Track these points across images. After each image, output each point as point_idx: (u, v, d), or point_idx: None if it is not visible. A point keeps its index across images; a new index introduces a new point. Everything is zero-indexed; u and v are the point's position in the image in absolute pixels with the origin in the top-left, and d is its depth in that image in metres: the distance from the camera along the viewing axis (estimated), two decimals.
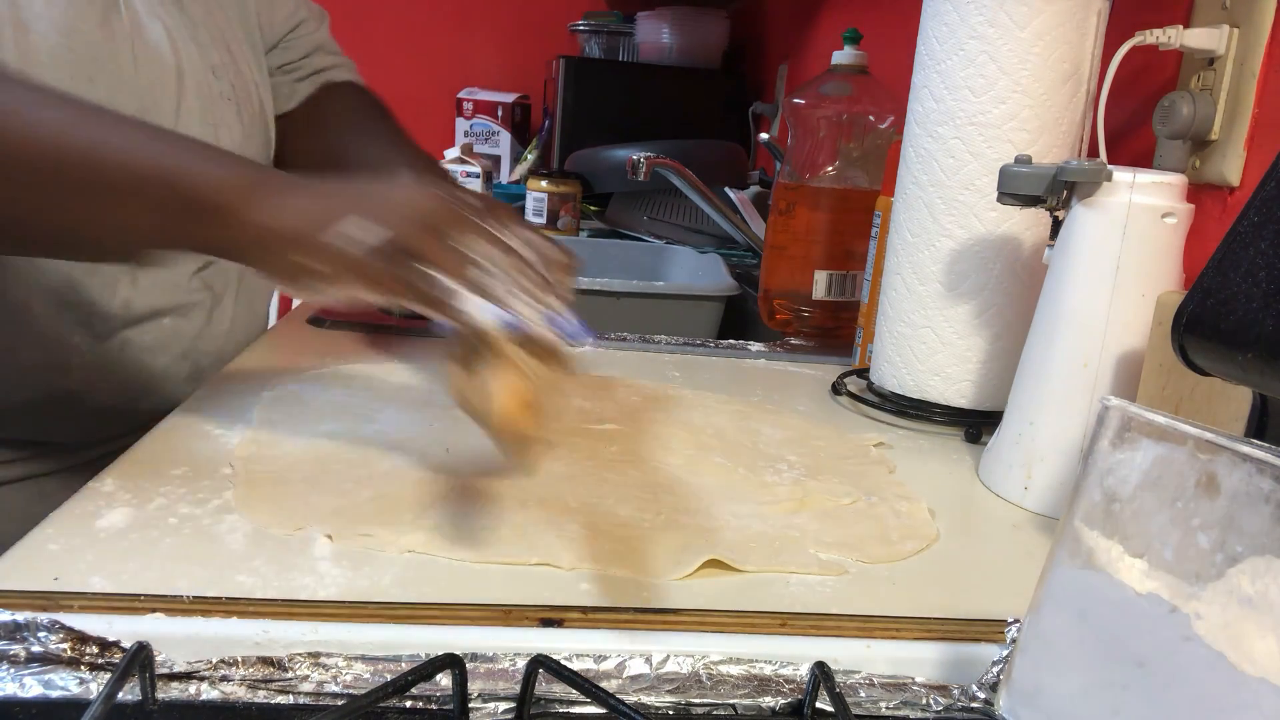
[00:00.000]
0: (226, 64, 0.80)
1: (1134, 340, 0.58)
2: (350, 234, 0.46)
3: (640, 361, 0.86)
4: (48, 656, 0.37)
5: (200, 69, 0.77)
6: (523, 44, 2.52)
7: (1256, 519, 0.28)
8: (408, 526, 0.49)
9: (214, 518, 0.49)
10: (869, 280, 0.84)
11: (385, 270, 0.46)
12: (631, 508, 0.54)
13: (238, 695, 0.37)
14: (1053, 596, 0.34)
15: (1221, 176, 0.70)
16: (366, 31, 2.50)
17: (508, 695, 0.38)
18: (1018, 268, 0.69)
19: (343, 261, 0.47)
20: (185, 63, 0.75)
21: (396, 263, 0.46)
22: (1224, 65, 0.70)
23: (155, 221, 0.50)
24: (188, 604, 0.41)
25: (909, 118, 0.72)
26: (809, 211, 1.01)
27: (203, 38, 0.78)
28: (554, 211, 1.61)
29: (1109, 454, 0.33)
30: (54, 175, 0.50)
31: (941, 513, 0.58)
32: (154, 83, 0.72)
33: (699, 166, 1.39)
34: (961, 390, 0.72)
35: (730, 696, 0.39)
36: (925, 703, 0.39)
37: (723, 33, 2.17)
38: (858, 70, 1.00)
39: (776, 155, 1.19)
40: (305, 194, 0.50)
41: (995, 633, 0.43)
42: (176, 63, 0.74)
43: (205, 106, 0.76)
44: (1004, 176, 0.61)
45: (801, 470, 0.62)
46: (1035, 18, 0.65)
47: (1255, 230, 0.40)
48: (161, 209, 0.50)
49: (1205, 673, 0.29)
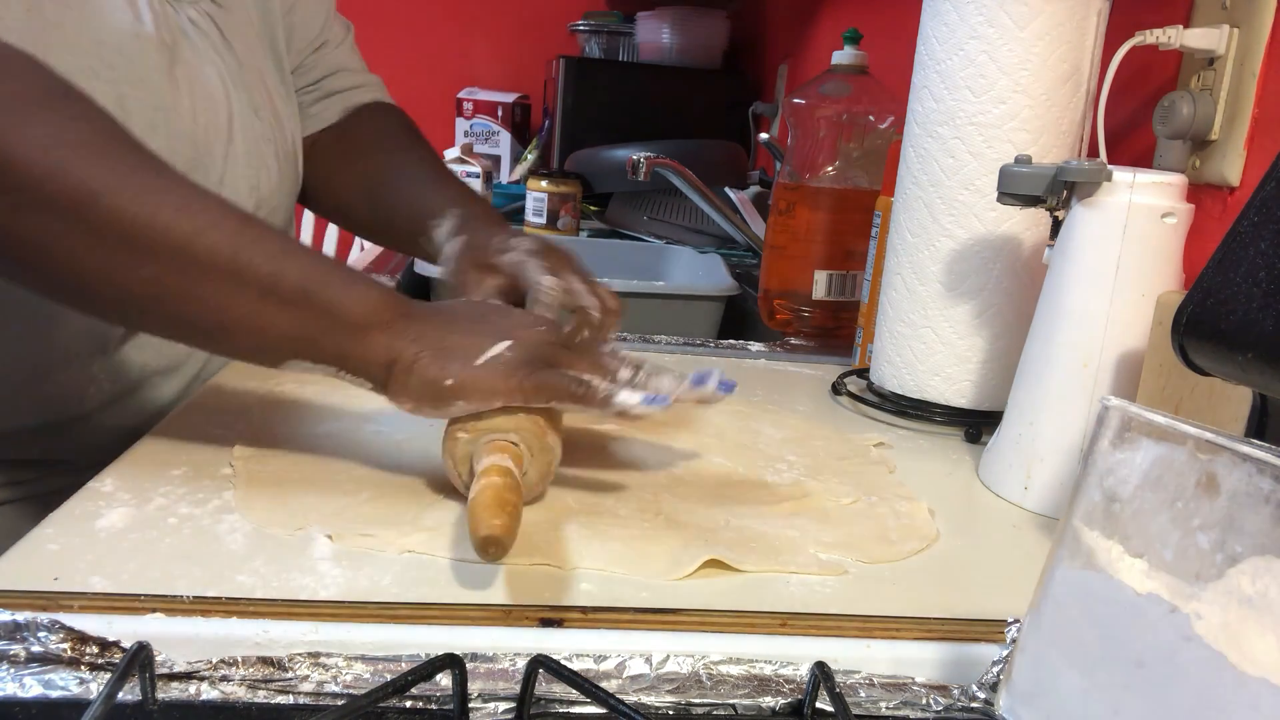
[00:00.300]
0: (264, 103, 0.79)
1: (1134, 340, 0.58)
2: (500, 354, 0.51)
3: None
4: (48, 656, 0.37)
5: (246, 111, 0.76)
6: (523, 44, 2.52)
7: (1256, 519, 0.28)
8: (408, 526, 0.49)
9: (214, 518, 0.49)
10: (869, 280, 0.84)
11: (528, 381, 0.50)
12: (631, 508, 0.54)
13: (238, 695, 0.37)
14: (1053, 596, 0.34)
15: (1221, 176, 0.70)
16: (366, 31, 2.48)
17: (508, 695, 0.38)
18: (1018, 268, 0.69)
19: (487, 379, 0.50)
20: (235, 105, 0.75)
21: (539, 373, 0.51)
22: (1224, 65, 0.70)
23: (299, 333, 0.51)
24: (188, 604, 0.41)
25: (909, 118, 0.72)
26: (809, 211, 1.01)
27: (248, 79, 0.77)
28: (554, 211, 1.61)
29: (1109, 454, 0.33)
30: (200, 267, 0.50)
31: (941, 513, 0.58)
32: (209, 128, 0.72)
33: (699, 166, 1.39)
34: (961, 390, 0.72)
35: (730, 696, 0.39)
36: (925, 703, 0.39)
37: (723, 33, 2.17)
38: (858, 70, 1.00)
39: (776, 155, 1.19)
40: (436, 323, 0.53)
41: (995, 633, 0.43)
42: (228, 107, 0.74)
43: (249, 149, 0.76)
44: (1004, 176, 0.61)
45: (801, 470, 0.62)
46: (1035, 18, 0.65)
47: (1255, 230, 0.40)
48: (306, 323, 0.51)
49: (1205, 673, 0.29)
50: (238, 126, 0.75)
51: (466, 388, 0.50)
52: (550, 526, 0.50)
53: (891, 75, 0.99)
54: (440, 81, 2.46)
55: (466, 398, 0.50)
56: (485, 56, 2.54)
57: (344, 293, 0.51)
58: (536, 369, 0.51)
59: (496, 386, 0.50)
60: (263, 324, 0.51)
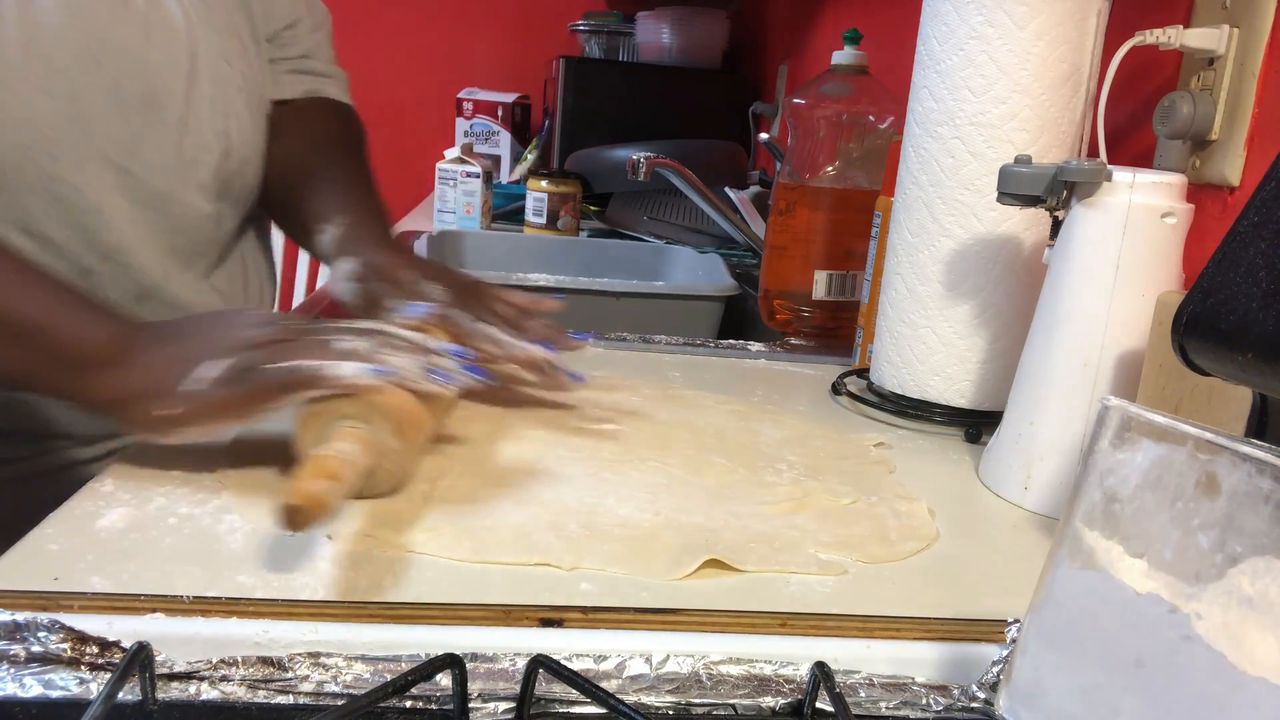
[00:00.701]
0: (237, 52, 0.78)
1: (1134, 340, 0.58)
2: (199, 375, 0.51)
3: (640, 361, 0.86)
4: (48, 656, 0.37)
5: (214, 55, 0.75)
6: (523, 44, 2.52)
7: (1256, 519, 0.28)
8: (408, 526, 0.49)
9: (214, 518, 0.49)
10: (869, 280, 0.84)
11: (237, 391, 0.50)
12: (631, 508, 0.54)
13: (238, 695, 0.37)
14: (1053, 596, 0.34)
15: (1221, 176, 0.70)
16: (367, 31, 2.50)
17: (508, 695, 0.38)
18: (1018, 268, 0.69)
19: (197, 401, 0.50)
20: (200, 46, 0.73)
21: (245, 379, 0.51)
22: (1224, 65, 0.70)
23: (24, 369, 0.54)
24: (188, 604, 0.41)
25: (909, 118, 0.72)
26: (809, 211, 1.01)
27: (216, 22, 0.76)
28: (554, 211, 1.61)
29: (1109, 454, 0.33)
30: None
31: (941, 513, 0.58)
32: (166, 64, 0.71)
33: (699, 166, 1.39)
34: (961, 390, 0.72)
35: (730, 696, 0.39)
36: (925, 703, 0.39)
37: (723, 33, 2.17)
38: (858, 70, 1.00)
39: (776, 155, 1.19)
40: (162, 350, 0.53)
41: (995, 633, 0.43)
42: (191, 45, 0.72)
43: (217, 94, 0.75)
44: (1004, 176, 0.61)
45: (801, 470, 0.62)
46: (1035, 18, 0.65)
47: (1255, 230, 0.40)
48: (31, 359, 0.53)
49: (1205, 673, 0.29)
50: (203, 68, 0.73)
51: (188, 415, 0.50)
52: (550, 526, 0.50)
53: (891, 75, 0.99)
54: (440, 81, 2.46)
55: (190, 424, 0.51)
56: (485, 56, 2.54)
57: (75, 331, 0.53)
58: (244, 374, 0.51)
59: (216, 406, 0.50)
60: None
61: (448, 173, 1.62)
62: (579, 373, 0.68)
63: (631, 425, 0.67)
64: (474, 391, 0.57)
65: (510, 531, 0.50)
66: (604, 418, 0.68)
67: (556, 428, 0.65)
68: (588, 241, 1.62)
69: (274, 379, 0.50)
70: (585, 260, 1.54)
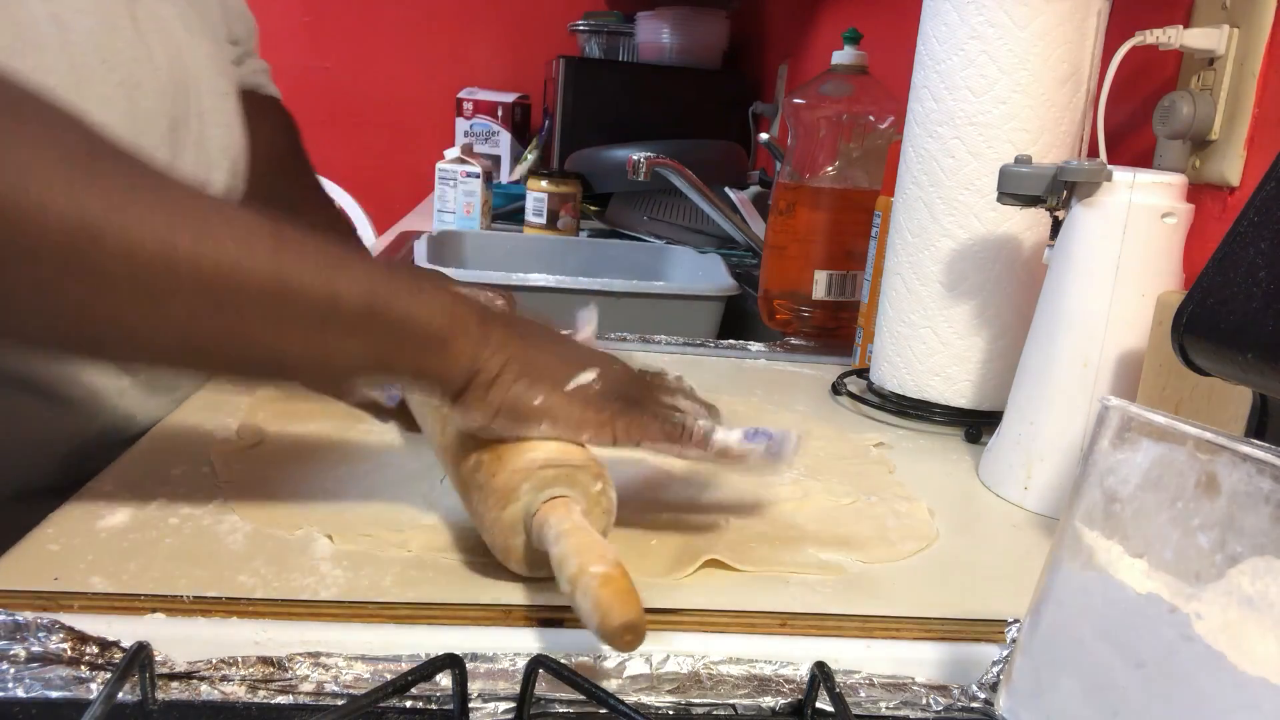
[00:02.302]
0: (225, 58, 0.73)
1: (1134, 340, 0.58)
2: (584, 380, 0.47)
3: (640, 361, 0.86)
4: (48, 656, 0.37)
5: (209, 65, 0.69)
6: (523, 44, 2.52)
7: (1256, 519, 0.28)
8: (408, 526, 0.49)
9: (214, 518, 0.49)
10: (869, 280, 0.84)
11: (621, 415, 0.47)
12: (631, 508, 0.54)
13: (238, 695, 0.37)
14: (1053, 596, 0.34)
15: (1221, 176, 0.70)
16: (367, 31, 2.50)
17: (508, 695, 0.38)
18: (1018, 268, 0.69)
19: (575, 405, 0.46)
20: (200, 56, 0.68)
21: (636, 408, 0.47)
22: (1224, 65, 0.70)
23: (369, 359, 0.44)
24: (188, 604, 0.41)
25: (909, 118, 0.72)
26: (809, 211, 1.01)
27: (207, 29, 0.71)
28: (554, 211, 1.61)
29: (1109, 454, 0.33)
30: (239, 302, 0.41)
31: (941, 513, 0.58)
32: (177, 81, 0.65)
33: (699, 166, 1.39)
34: (961, 390, 0.72)
35: (730, 696, 0.39)
36: (925, 703, 0.39)
37: (723, 33, 2.17)
38: (858, 70, 1.00)
39: (776, 155, 1.19)
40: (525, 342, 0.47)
41: (995, 633, 0.43)
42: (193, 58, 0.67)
43: (216, 105, 0.69)
44: (1004, 176, 0.61)
45: (801, 470, 0.62)
46: (1035, 18, 0.65)
47: (1255, 230, 0.40)
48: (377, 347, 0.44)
49: (1205, 673, 0.29)
50: (204, 82, 0.67)
51: (554, 412, 0.46)
52: None
53: (891, 75, 0.99)
54: (440, 81, 2.46)
55: (552, 421, 0.46)
56: (485, 56, 2.54)
57: (415, 304, 0.44)
58: (627, 405, 0.47)
59: (586, 418, 0.46)
60: (328, 353, 0.43)
61: (448, 173, 1.62)
62: None
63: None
64: None
65: None
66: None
67: None
68: (588, 241, 1.62)
69: (660, 422, 0.47)
70: (585, 260, 1.54)
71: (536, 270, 1.33)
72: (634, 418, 0.47)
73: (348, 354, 0.44)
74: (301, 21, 2.47)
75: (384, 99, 2.52)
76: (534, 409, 0.45)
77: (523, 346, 0.46)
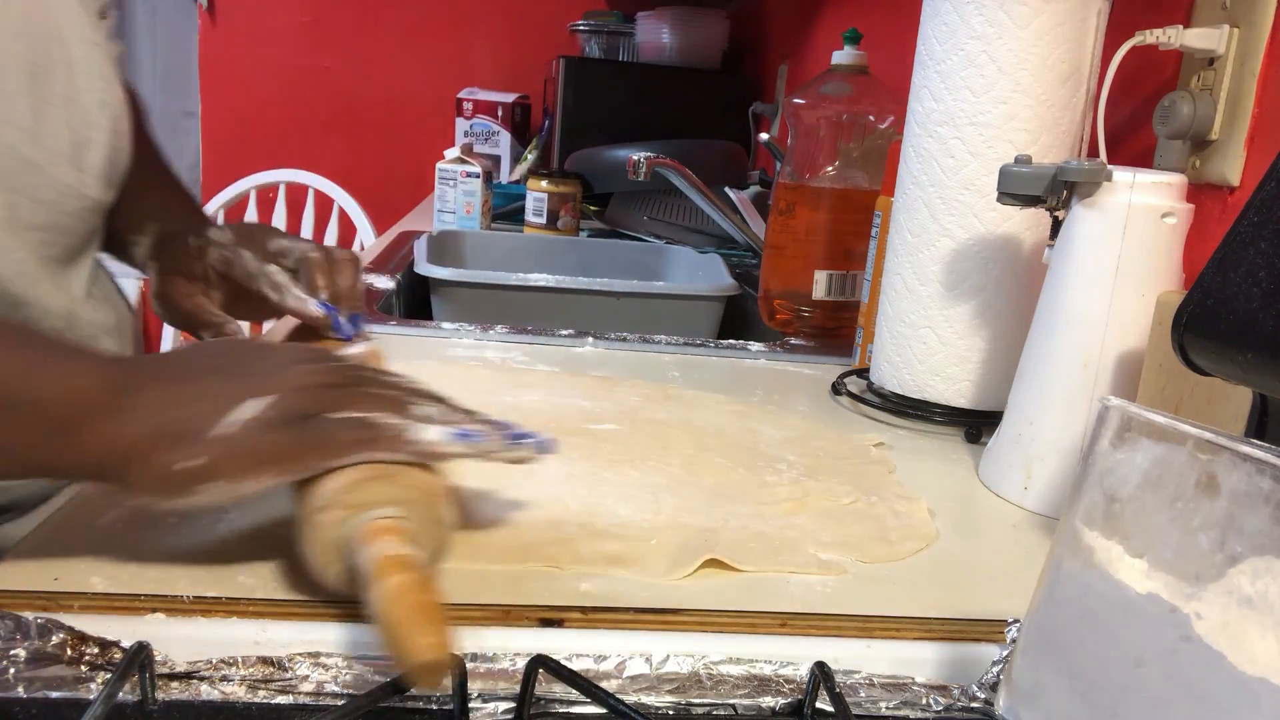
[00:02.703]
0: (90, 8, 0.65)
1: (1134, 340, 0.58)
2: (244, 418, 0.40)
3: (640, 361, 0.86)
4: (48, 656, 0.37)
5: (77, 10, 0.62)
6: (523, 44, 2.52)
7: (1256, 519, 0.28)
8: None
9: (214, 518, 0.49)
10: (869, 280, 0.84)
11: (291, 440, 0.41)
12: (631, 508, 0.54)
13: (238, 695, 0.37)
14: (1053, 596, 0.34)
15: (1221, 176, 0.70)
16: (367, 31, 2.50)
17: (508, 695, 0.38)
18: (1018, 268, 0.69)
19: (235, 449, 0.40)
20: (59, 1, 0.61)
21: (305, 427, 0.41)
22: (1224, 65, 0.70)
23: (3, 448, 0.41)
24: (188, 604, 0.41)
25: (909, 118, 0.72)
26: (809, 211, 1.01)
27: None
28: (554, 211, 1.61)
29: (1109, 454, 0.33)
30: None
31: (941, 513, 0.58)
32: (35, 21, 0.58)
33: (699, 166, 1.39)
34: (961, 390, 0.72)
35: (730, 696, 0.39)
36: (925, 703, 0.39)
37: (723, 33, 2.17)
38: (858, 70, 1.00)
39: (776, 155, 1.19)
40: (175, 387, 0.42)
41: (995, 633, 0.43)
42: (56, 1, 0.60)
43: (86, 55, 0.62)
44: (1004, 176, 0.61)
45: (801, 470, 0.62)
46: (1035, 18, 0.65)
47: (1255, 230, 0.40)
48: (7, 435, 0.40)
49: (1205, 673, 0.29)
50: (70, 27, 0.61)
51: (217, 467, 0.40)
52: (549, 526, 0.50)
53: (891, 75, 0.99)
54: (440, 81, 2.46)
55: (218, 478, 0.40)
56: (485, 56, 2.54)
57: (47, 387, 0.40)
58: (305, 422, 0.41)
59: (258, 455, 0.40)
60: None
61: (448, 173, 1.62)
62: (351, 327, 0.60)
63: (631, 425, 0.67)
64: None
65: (510, 532, 0.50)
66: (604, 418, 0.68)
67: (555, 428, 0.65)
68: (588, 241, 1.61)
69: (344, 432, 0.41)
70: (585, 260, 1.54)
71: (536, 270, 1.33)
72: (314, 436, 0.41)
73: None
74: (301, 21, 2.47)
75: (384, 99, 2.52)
76: (192, 472, 0.40)
77: (176, 401, 0.41)
